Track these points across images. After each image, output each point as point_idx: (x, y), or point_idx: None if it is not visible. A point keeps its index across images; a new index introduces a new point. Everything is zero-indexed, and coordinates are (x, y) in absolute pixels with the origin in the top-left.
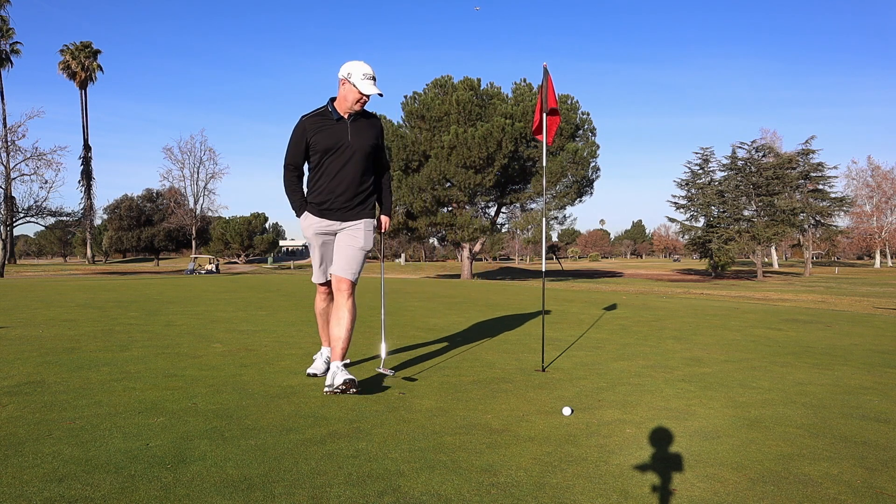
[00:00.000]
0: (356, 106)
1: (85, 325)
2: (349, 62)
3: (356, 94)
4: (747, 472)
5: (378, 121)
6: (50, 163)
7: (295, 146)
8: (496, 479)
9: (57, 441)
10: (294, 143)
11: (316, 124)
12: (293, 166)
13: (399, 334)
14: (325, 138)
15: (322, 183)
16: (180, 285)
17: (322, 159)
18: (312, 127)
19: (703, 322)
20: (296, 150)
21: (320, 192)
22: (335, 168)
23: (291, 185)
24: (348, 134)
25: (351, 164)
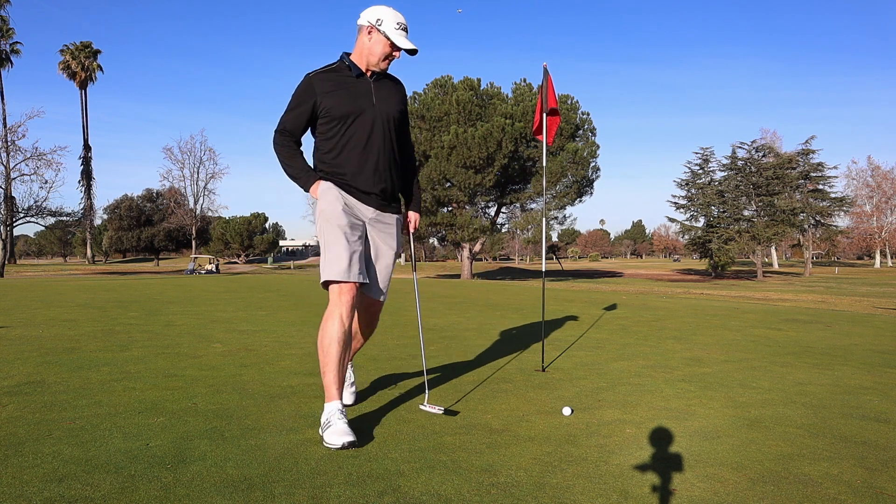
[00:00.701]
0: (383, 63)
1: (85, 325)
2: (376, 6)
3: (386, 48)
4: (747, 472)
5: (402, 85)
6: (50, 163)
7: (295, 110)
8: (496, 479)
9: (57, 441)
10: (295, 106)
11: (329, 84)
12: (288, 133)
13: (399, 334)
14: (343, 101)
15: (348, 157)
16: (180, 285)
17: (340, 128)
18: (324, 87)
19: (703, 322)
20: (296, 115)
21: (346, 167)
22: (361, 138)
23: (287, 150)
24: (372, 96)
25: (377, 134)
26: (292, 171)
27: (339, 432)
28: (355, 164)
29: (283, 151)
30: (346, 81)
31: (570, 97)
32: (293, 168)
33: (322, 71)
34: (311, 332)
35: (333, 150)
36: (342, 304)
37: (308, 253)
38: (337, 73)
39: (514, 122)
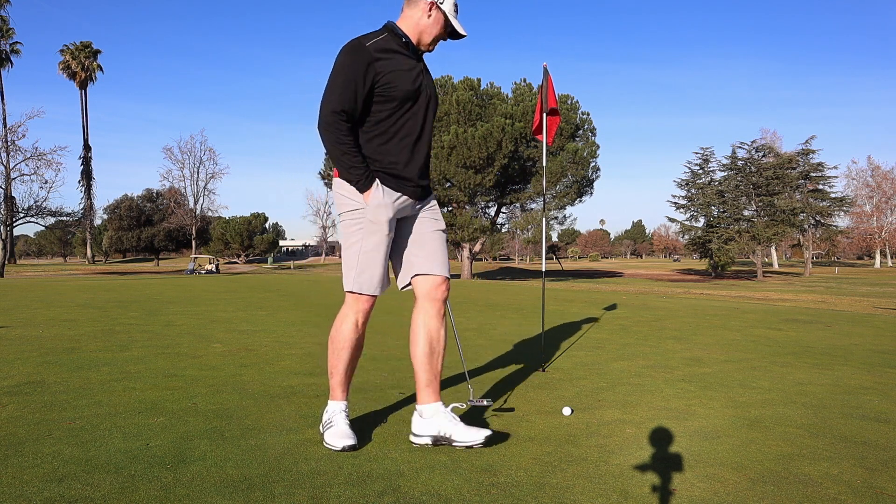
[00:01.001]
0: (432, 46)
1: (85, 325)
2: None
3: (442, 30)
4: (747, 472)
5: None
6: (50, 163)
7: (352, 85)
8: (496, 479)
9: (57, 441)
10: (351, 79)
11: (387, 57)
12: (346, 114)
13: (399, 334)
14: (403, 80)
15: (400, 145)
16: (180, 285)
17: (397, 111)
18: (383, 59)
19: (703, 322)
20: (354, 92)
21: (397, 156)
22: (415, 126)
23: (346, 136)
24: (422, 79)
25: (428, 123)
26: (348, 163)
27: (341, 434)
28: (407, 153)
29: (340, 138)
30: (402, 58)
31: (570, 97)
32: (350, 159)
33: (377, 39)
34: (312, 332)
35: (383, 135)
36: (360, 311)
37: (308, 253)
38: (392, 46)
39: (514, 122)
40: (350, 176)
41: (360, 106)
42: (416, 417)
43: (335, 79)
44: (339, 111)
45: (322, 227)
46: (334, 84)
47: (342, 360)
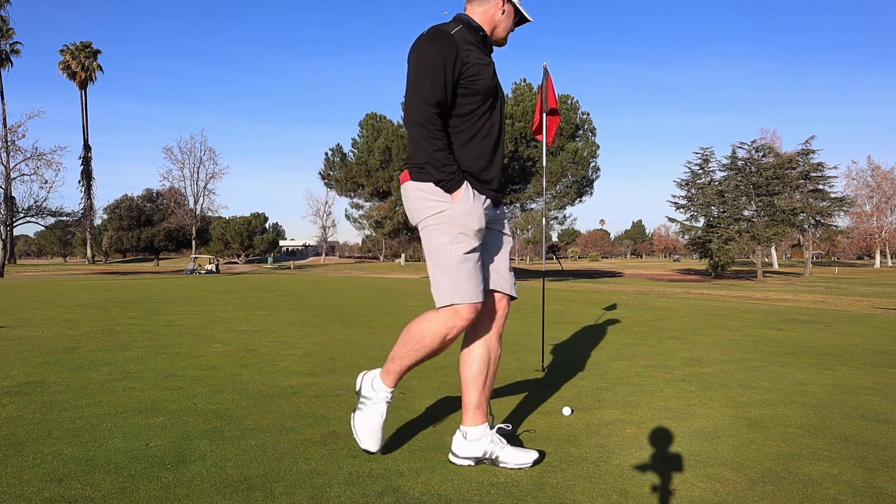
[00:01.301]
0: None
1: (85, 325)
2: None
3: (512, 22)
4: (747, 472)
5: None
6: (50, 163)
7: (444, 76)
8: (496, 479)
9: (57, 441)
10: (440, 67)
11: (471, 48)
12: (440, 106)
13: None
14: (487, 75)
15: (481, 145)
16: (180, 285)
17: (479, 108)
18: (465, 49)
19: (703, 322)
20: (445, 83)
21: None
22: (495, 125)
23: (441, 131)
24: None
25: (504, 122)
26: (441, 161)
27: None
28: (489, 155)
29: (436, 133)
30: (478, 52)
31: (570, 97)
32: (444, 157)
33: (457, 29)
34: (312, 332)
35: (464, 133)
36: (457, 326)
37: (308, 253)
38: (469, 38)
39: (514, 122)
40: (441, 174)
41: (450, 97)
42: (460, 438)
43: (423, 68)
44: (433, 103)
45: (322, 227)
46: (423, 74)
47: (411, 359)
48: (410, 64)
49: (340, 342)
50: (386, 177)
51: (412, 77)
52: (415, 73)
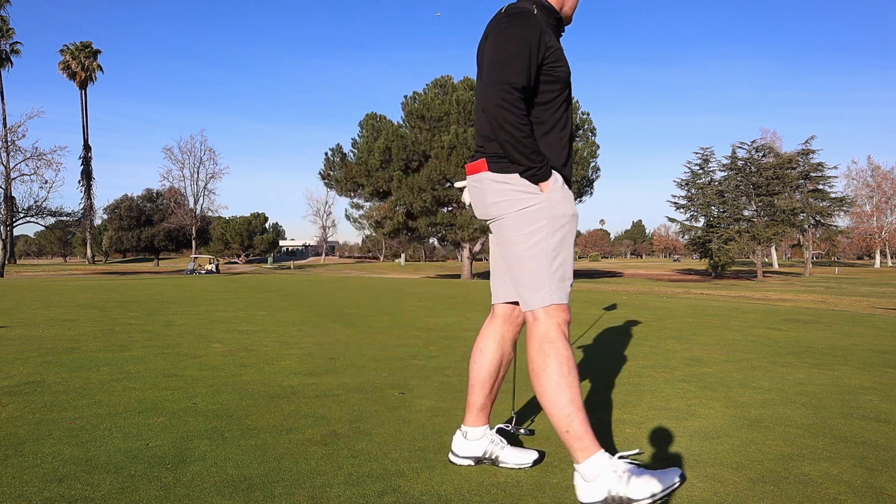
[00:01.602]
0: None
1: (85, 325)
2: None
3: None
4: (747, 472)
5: None
6: (50, 163)
7: (526, 55)
8: (496, 479)
9: (57, 441)
10: (525, 49)
11: (549, 30)
12: (523, 89)
13: (399, 334)
14: (564, 60)
15: (559, 137)
16: (180, 285)
17: (559, 96)
18: (549, 34)
19: (703, 322)
20: (528, 62)
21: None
22: (569, 114)
23: (526, 117)
24: None
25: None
26: (530, 147)
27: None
28: (565, 149)
29: (522, 119)
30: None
31: None
32: (532, 143)
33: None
34: (312, 332)
35: (544, 124)
36: (564, 322)
37: (308, 253)
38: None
39: None
40: (531, 162)
41: (532, 83)
42: (460, 438)
43: (508, 49)
44: (518, 87)
45: (322, 227)
46: (508, 55)
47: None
48: (491, 45)
49: (340, 342)
50: (386, 177)
51: (495, 58)
52: (500, 54)
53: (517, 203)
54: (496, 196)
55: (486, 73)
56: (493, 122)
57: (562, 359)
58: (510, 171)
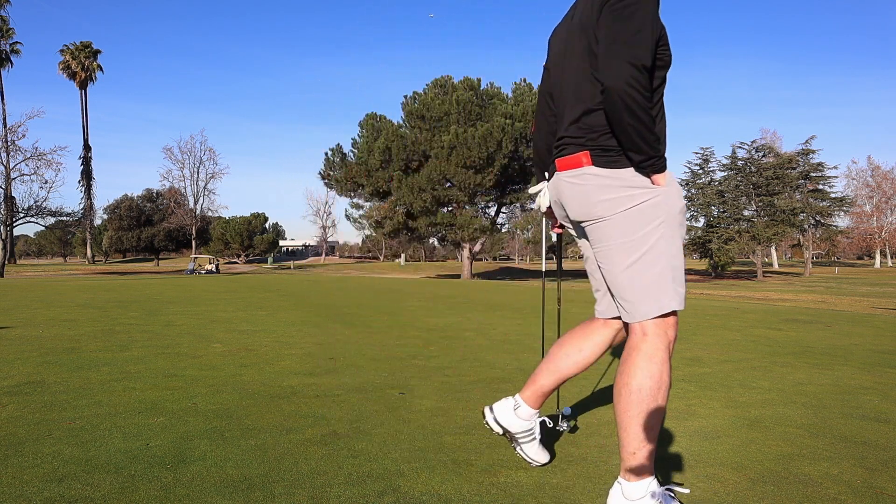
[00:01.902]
0: None
1: (85, 325)
2: None
3: None
4: (747, 472)
5: None
6: (50, 163)
7: (651, 33)
8: (496, 479)
9: (57, 441)
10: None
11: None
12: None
13: (399, 334)
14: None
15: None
16: (180, 285)
17: (663, 85)
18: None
19: (703, 322)
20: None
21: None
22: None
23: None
24: None
25: None
26: (652, 135)
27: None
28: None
29: (648, 102)
30: None
31: None
32: (653, 130)
33: None
34: (312, 332)
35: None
36: (674, 338)
37: (308, 253)
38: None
39: (514, 122)
40: (653, 151)
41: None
42: (509, 406)
43: (634, 22)
44: (647, 66)
45: (322, 227)
46: (635, 29)
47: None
48: (613, 14)
49: (340, 342)
50: (386, 177)
51: (619, 30)
52: (623, 26)
53: (627, 201)
54: (602, 194)
55: (608, 46)
56: (620, 103)
57: (662, 385)
58: (618, 165)
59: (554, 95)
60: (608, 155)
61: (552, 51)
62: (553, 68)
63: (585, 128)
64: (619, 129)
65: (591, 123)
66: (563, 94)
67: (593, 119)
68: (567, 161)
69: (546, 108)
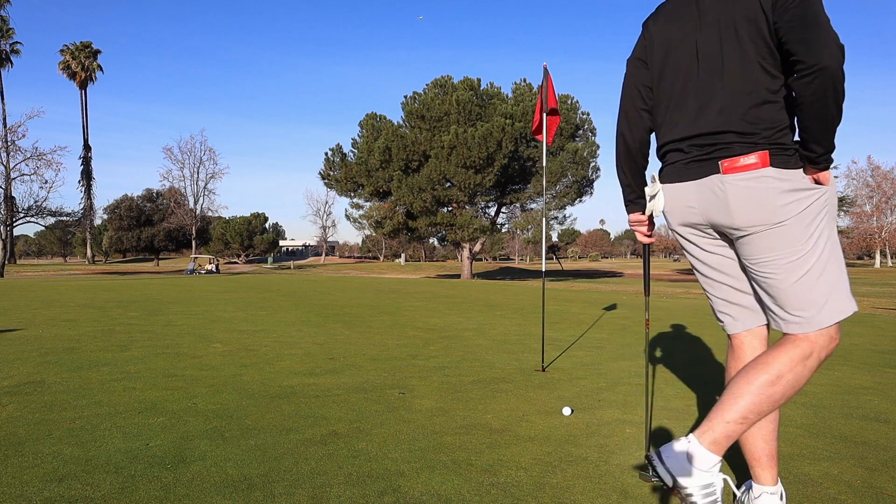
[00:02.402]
0: None
1: (85, 325)
2: None
3: None
4: (747, 471)
5: None
6: (50, 163)
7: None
8: (496, 479)
9: (57, 441)
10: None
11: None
12: None
13: (399, 334)
14: None
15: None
16: (180, 285)
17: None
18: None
19: (703, 322)
20: None
21: None
22: None
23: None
24: None
25: None
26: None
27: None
28: None
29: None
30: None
31: (570, 97)
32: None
33: None
34: (312, 332)
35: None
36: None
37: (308, 253)
38: None
39: (514, 122)
40: (832, 146)
41: None
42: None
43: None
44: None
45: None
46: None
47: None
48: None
49: (340, 342)
50: (386, 177)
51: (818, 11)
52: (818, 8)
53: (802, 203)
54: (784, 198)
55: (812, 27)
56: (830, 85)
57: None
58: (793, 165)
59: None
60: (786, 154)
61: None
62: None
63: (756, 122)
64: (819, 115)
65: (763, 117)
66: (698, 86)
67: (766, 112)
68: (739, 165)
69: (641, 102)
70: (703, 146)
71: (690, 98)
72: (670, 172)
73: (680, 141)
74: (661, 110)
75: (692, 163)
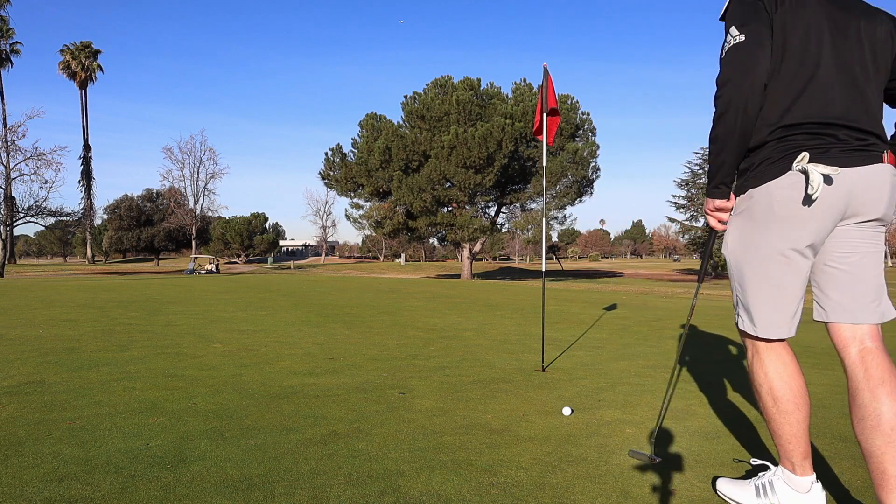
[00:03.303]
0: None
1: (85, 325)
2: None
3: None
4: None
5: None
6: (50, 163)
7: None
8: (496, 479)
9: (57, 441)
10: None
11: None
12: None
13: (399, 334)
14: None
15: None
16: (180, 285)
17: None
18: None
19: (703, 322)
20: None
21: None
22: None
23: None
24: None
25: None
26: None
27: None
28: None
29: None
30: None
31: (570, 97)
32: None
33: None
34: (312, 332)
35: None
36: None
37: (308, 253)
38: None
39: (514, 122)
40: None
41: None
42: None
43: None
44: None
45: (322, 227)
46: None
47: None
48: None
49: (340, 342)
50: (386, 177)
51: None
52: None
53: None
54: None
55: None
56: None
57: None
58: None
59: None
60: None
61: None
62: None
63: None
64: None
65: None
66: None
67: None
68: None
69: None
70: (859, 138)
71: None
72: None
73: (827, 126)
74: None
75: (856, 151)
